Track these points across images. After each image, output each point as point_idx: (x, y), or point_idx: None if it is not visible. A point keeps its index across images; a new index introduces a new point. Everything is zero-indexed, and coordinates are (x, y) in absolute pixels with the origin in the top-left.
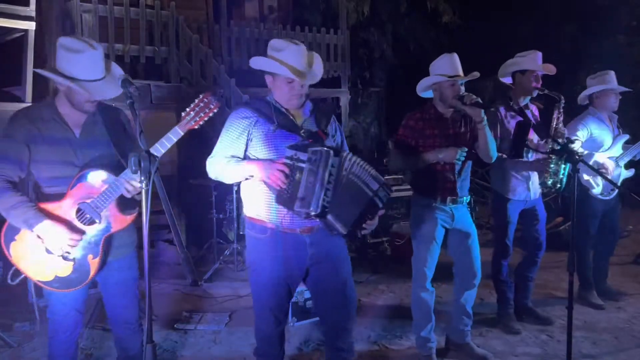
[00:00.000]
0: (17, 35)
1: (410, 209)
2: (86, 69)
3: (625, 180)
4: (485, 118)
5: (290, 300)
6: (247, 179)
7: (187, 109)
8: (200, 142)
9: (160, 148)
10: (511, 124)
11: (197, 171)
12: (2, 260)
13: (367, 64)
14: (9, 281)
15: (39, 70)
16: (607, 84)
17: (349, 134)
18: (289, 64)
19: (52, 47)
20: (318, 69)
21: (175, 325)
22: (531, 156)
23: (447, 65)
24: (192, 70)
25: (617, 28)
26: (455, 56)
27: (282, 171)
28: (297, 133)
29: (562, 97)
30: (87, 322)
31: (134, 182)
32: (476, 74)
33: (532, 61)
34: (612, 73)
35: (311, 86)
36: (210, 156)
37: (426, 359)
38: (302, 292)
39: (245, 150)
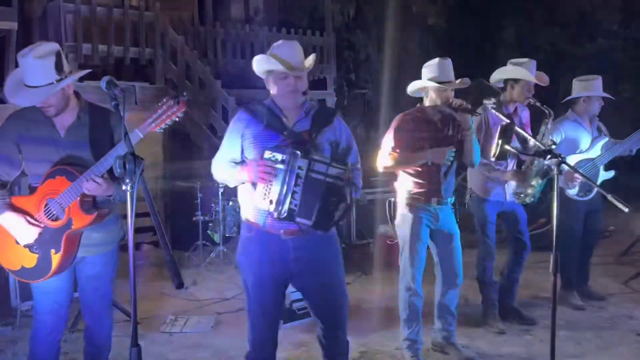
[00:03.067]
0: None
1: (396, 211)
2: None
3: (606, 182)
4: (473, 126)
5: (282, 303)
6: (243, 182)
7: (150, 112)
8: (185, 145)
9: (120, 151)
10: (496, 127)
11: (182, 173)
12: None
13: (353, 66)
14: None
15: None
16: (592, 90)
17: None
18: (281, 59)
19: None
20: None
21: (160, 329)
22: (510, 161)
23: (440, 71)
24: (177, 71)
25: (598, 32)
26: (449, 62)
27: (266, 171)
28: (281, 133)
29: (552, 113)
30: (70, 326)
31: (97, 179)
32: (467, 81)
33: (526, 71)
34: (599, 79)
35: None
36: (213, 160)
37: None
38: (289, 295)
39: (242, 152)
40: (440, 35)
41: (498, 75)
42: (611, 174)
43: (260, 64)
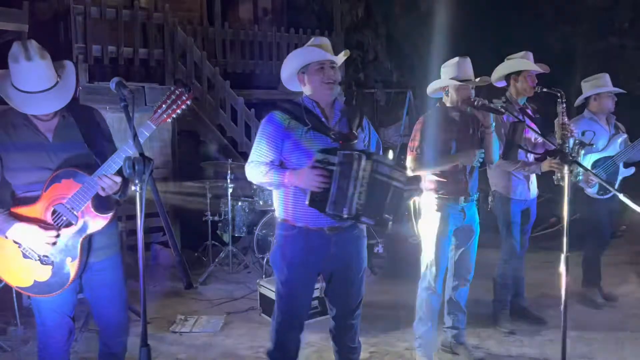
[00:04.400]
0: (10, 37)
1: (420, 210)
2: (20, 80)
3: (626, 179)
4: (494, 123)
5: (310, 303)
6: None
7: (159, 102)
8: (194, 145)
9: (130, 147)
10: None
11: (192, 173)
12: None
13: (362, 66)
14: None
15: None
16: (602, 87)
17: None
18: (317, 44)
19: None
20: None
21: (170, 328)
22: (530, 156)
23: (459, 69)
24: (186, 72)
25: (609, 30)
26: (468, 60)
27: (322, 174)
28: (327, 135)
29: (562, 92)
30: (80, 326)
31: (112, 177)
32: (487, 79)
33: (526, 62)
34: (607, 75)
35: None
36: (248, 161)
37: (424, 359)
38: None
39: (281, 154)
40: (449, 34)
41: (498, 73)
42: (631, 170)
43: (298, 58)
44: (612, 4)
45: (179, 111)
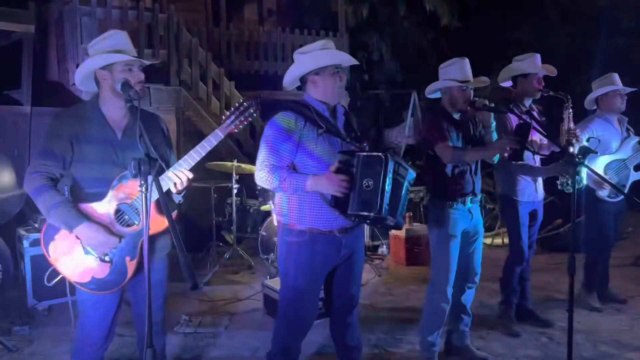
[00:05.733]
0: (16, 38)
1: (429, 212)
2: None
3: (636, 182)
4: (494, 123)
5: (317, 309)
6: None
7: (228, 112)
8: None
9: (200, 151)
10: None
11: (196, 173)
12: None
13: (366, 67)
14: (46, 282)
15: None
16: (607, 85)
17: None
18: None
19: (51, 50)
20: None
21: (174, 329)
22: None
23: (458, 70)
24: (191, 73)
25: (616, 30)
26: (466, 61)
27: (345, 181)
28: (341, 137)
29: (569, 97)
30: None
31: (185, 171)
32: (485, 79)
33: (533, 64)
34: (616, 75)
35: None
36: (259, 163)
37: None
38: None
39: (294, 156)
40: (454, 35)
41: (505, 75)
42: None
43: (322, 58)
44: (618, 4)
45: (245, 123)
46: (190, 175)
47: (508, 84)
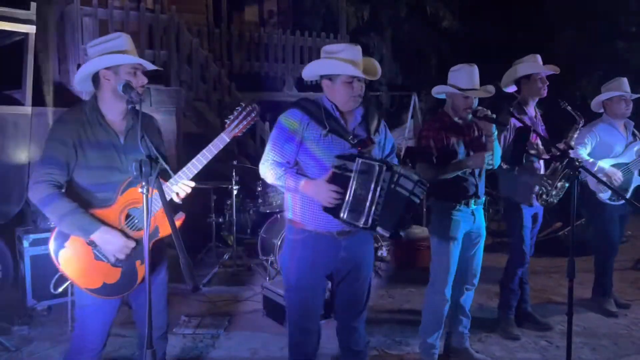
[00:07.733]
0: (17, 38)
1: (431, 215)
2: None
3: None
4: (496, 133)
5: (321, 307)
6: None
7: (231, 117)
8: (200, 147)
9: (207, 154)
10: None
11: (197, 175)
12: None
13: None
14: (52, 290)
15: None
16: (615, 90)
17: None
18: (350, 60)
19: (52, 50)
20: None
21: (173, 330)
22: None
23: (465, 77)
24: (192, 74)
25: (616, 34)
26: (475, 69)
27: (336, 192)
28: (346, 139)
29: (582, 118)
30: None
31: (188, 182)
32: (491, 89)
33: (535, 64)
34: (624, 80)
35: (311, 90)
36: (263, 157)
37: None
38: None
39: (297, 154)
40: (455, 37)
41: (508, 78)
42: None
43: (329, 66)
44: (618, 7)
45: (248, 127)
46: (193, 185)
47: (512, 89)
